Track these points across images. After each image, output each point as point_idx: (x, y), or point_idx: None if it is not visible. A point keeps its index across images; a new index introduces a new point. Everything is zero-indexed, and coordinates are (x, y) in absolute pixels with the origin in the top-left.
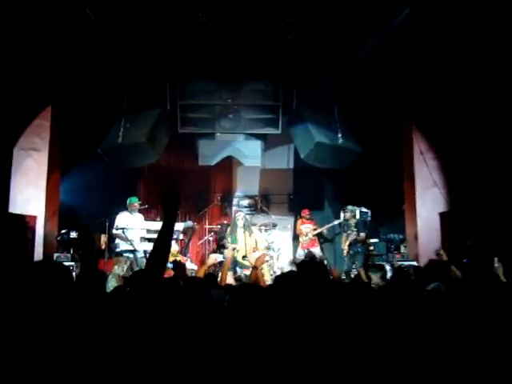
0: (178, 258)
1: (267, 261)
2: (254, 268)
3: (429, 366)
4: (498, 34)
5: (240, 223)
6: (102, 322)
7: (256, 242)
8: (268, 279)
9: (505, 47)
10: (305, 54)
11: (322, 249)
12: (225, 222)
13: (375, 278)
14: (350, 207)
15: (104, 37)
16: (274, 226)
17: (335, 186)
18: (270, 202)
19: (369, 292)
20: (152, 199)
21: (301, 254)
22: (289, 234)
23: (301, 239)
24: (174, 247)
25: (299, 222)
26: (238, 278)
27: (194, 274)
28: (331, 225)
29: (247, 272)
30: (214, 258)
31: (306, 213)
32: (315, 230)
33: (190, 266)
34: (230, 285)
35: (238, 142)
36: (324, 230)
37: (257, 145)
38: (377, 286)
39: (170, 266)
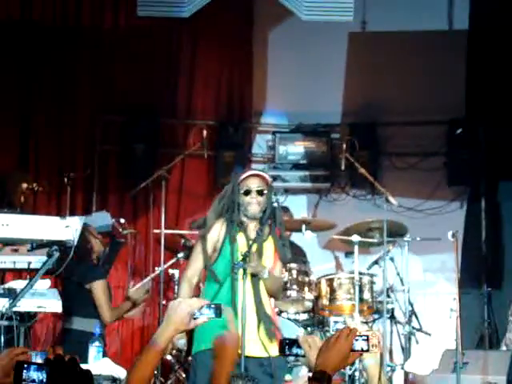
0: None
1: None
2: (316, 379)
3: None
4: None
5: (252, 209)
6: None
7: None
8: None
9: None
10: None
11: None
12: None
13: None
14: None
15: None
16: (401, 234)
17: None
18: (382, 148)
19: None
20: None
21: None
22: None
23: None
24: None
25: None
26: None
27: None
28: None
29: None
30: (189, 308)
31: None
32: None
33: (109, 368)
34: None
35: None
36: None
37: None
38: None
39: None
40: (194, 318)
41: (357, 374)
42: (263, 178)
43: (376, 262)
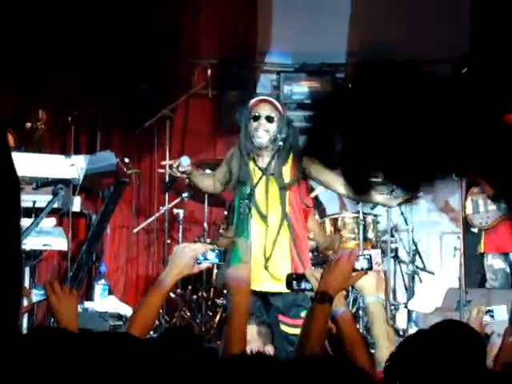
0: None
1: None
2: (318, 300)
3: None
4: None
5: (260, 135)
6: None
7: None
8: None
9: None
10: None
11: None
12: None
13: None
14: None
15: None
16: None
17: None
18: None
19: None
20: None
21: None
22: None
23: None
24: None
25: None
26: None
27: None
28: None
29: None
30: (193, 253)
31: None
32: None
33: (115, 306)
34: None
35: None
36: None
37: None
38: None
39: None
40: (199, 263)
41: (360, 312)
42: (274, 105)
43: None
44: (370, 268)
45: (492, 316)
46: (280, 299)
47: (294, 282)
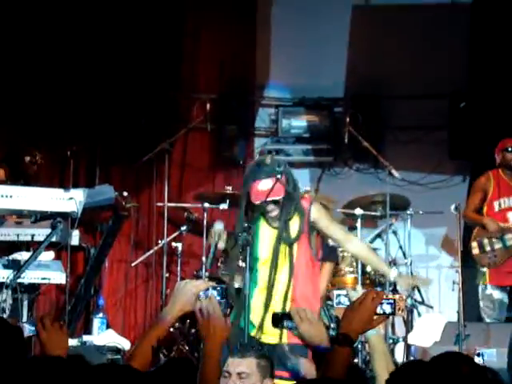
0: None
1: None
2: (339, 342)
3: None
4: None
5: (272, 215)
6: None
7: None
8: None
9: None
10: None
11: None
12: (229, 189)
13: None
14: None
15: None
16: (404, 207)
17: None
18: (386, 121)
19: None
20: None
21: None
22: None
23: (486, 248)
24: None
25: (485, 180)
26: None
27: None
28: None
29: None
30: (194, 289)
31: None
32: None
33: (113, 339)
34: None
35: None
36: None
37: None
38: None
39: None
40: (200, 299)
41: (359, 346)
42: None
43: (379, 235)
44: (393, 313)
45: (482, 359)
46: (274, 351)
47: (279, 320)
